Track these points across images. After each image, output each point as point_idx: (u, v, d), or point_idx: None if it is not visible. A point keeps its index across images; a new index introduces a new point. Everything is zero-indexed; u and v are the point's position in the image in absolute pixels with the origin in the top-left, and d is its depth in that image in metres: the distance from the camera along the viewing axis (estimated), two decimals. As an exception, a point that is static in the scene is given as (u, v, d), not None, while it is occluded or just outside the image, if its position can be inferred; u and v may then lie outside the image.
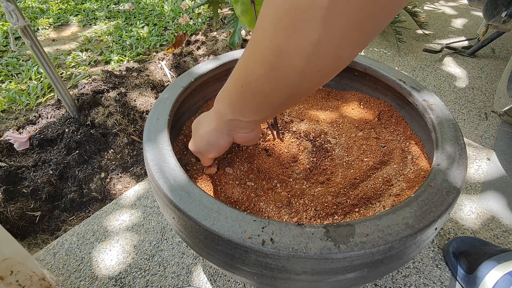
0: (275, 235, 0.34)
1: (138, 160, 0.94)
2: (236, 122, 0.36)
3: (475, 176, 0.85)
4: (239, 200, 0.47)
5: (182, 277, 0.64)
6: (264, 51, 0.25)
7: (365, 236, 0.33)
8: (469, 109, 1.09)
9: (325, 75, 0.26)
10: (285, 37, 0.23)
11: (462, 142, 0.46)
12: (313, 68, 0.24)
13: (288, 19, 0.22)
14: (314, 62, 0.24)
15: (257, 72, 0.27)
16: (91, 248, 0.70)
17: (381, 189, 0.48)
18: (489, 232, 0.71)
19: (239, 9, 0.48)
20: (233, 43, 1.13)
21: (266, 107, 0.31)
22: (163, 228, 0.73)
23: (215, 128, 0.38)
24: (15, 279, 0.35)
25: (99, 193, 0.85)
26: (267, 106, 0.31)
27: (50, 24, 1.81)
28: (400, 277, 0.63)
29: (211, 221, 0.36)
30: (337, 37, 0.22)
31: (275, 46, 0.24)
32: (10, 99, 1.18)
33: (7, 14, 0.76)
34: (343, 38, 0.22)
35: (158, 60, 1.38)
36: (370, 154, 0.54)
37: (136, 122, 1.02)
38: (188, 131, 0.63)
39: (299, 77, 0.25)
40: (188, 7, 1.84)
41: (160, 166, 0.42)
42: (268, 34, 0.24)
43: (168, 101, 0.54)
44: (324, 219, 0.44)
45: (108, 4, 2.05)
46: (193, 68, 0.63)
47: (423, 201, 0.37)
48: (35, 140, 0.95)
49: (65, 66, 1.42)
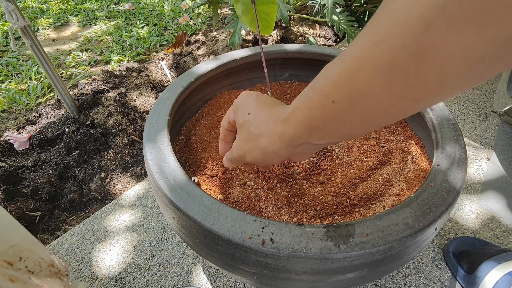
0: (275, 235, 0.34)
1: (138, 160, 0.94)
2: (306, 146, 0.29)
3: (475, 176, 0.85)
4: (239, 200, 0.47)
5: (182, 277, 0.64)
6: (396, 55, 0.19)
7: (365, 236, 0.33)
8: (469, 109, 1.09)
9: (482, 77, 0.19)
10: (450, 35, 0.16)
11: (462, 142, 0.46)
12: (471, 77, 0.18)
13: (472, 6, 0.15)
14: (479, 69, 0.17)
15: (373, 83, 0.20)
16: (91, 248, 0.70)
17: (381, 189, 0.48)
18: (489, 232, 0.71)
19: (240, 9, 0.49)
20: (233, 43, 1.13)
21: (359, 128, 0.24)
22: (163, 228, 0.73)
23: (275, 151, 0.31)
24: (24, 265, 0.35)
25: (99, 193, 0.85)
26: (361, 127, 0.24)
27: (50, 24, 1.81)
28: (400, 277, 0.63)
29: (211, 221, 0.36)
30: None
31: (421, 47, 0.17)
32: (10, 99, 1.18)
33: (7, 14, 0.76)
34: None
35: (158, 60, 1.38)
36: (370, 154, 0.54)
37: (136, 122, 1.02)
38: (188, 131, 0.63)
39: (439, 88, 0.19)
40: (188, 7, 1.84)
41: (160, 166, 0.42)
42: (411, 31, 0.17)
43: (168, 101, 0.54)
44: (324, 219, 0.44)
45: (108, 4, 2.05)
46: (193, 68, 0.63)
47: (423, 201, 0.37)
48: (35, 140, 0.95)
49: (65, 66, 1.42)
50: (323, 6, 1.20)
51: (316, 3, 1.26)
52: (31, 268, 0.36)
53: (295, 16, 1.52)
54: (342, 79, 0.22)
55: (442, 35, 0.16)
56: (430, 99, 0.20)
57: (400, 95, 0.20)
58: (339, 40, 1.52)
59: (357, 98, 0.22)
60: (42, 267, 0.37)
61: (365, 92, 0.21)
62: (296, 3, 1.48)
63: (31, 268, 0.36)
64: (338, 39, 1.52)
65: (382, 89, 0.20)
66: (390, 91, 0.20)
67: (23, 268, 0.35)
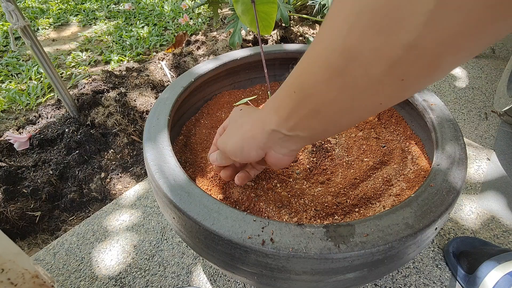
0: (275, 235, 0.34)
1: (138, 160, 0.94)
2: (278, 136, 0.31)
3: (475, 176, 0.85)
4: (239, 200, 0.47)
5: (182, 277, 0.64)
6: (330, 53, 0.22)
7: (365, 236, 0.33)
8: (469, 109, 1.09)
9: (409, 87, 0.21)
10: (364, 38, 0.19)
11: (462, 142, 0.46)
12: (395, 77, 0.20)
13: (374, 16, 0.18)
14: (398, 70, 0.20)
15: (316, 77, 0.23)
16: (91, 248, 0.70)
17: (381, 189, 0.48)
18: (489, 232, 0.71)
19: (239, 9, 0.49)
20: (233, 43, 1.13)
21: (317, 121, 0.27)
22: (163, 228, 0.73)
23: (252, 136, 0.34)
24: (6, 277, 0.34)
25: (99, 193, 0.85)
26: (319, 120, 0.27)
27: (50, 24, 1.81)
28: (400, 277, 0.63)
29: (211, 221, 0.36)
30: (441, 41, 0.17)
31: (346, 48, 0.20)
32: (10, 99, 1.18)
33: (7, 14, 0.76)
34: (451, 42, 0.17)
35: (158, 60, 1.38)
36: (370, 154, 0.54)
37: (136, 122, 1.02)
38: (188, 131, 0.63)
39: (371, 86, 0.21)
40: (188, 7, 1.84)
41: (160, 166, 0.42)
42: (339, 34, 0.20)
43: (168, 101, 0.54)
44: (324, 219, 0.44)
45: (108, 4, 2.05)
46: (193, 68, 0.63)
47: (423, 201, 0.37)
48: (35, 140, 0.95)
49: (65, 66, 1.42)
50: (323, 6, 1.20)
51: (316, 3, 1.26)
52: (14, 280, 0.34)
53: (295, 16, 1.52)
54: (297, 73, 0.26)
55: (360, 38, 0.19)
56: (367, 96, 0.23)
57: (339, 90, 0.23)
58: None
59: (308, 90, 0.25)
60: (26, 279, 0.36)
61: (313, 85, 0.24)
62: (296, 3, 1.48)
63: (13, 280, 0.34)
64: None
65: (324, 84, 0.23)
66: (330, 86, 0.23)
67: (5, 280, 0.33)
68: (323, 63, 0.23)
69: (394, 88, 0.21)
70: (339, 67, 0.21)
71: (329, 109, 0.25)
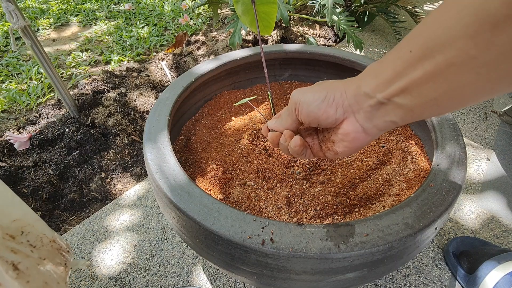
0: (275, 235, 0.34)
1: (138, 160, 0.94)
2: (368, 101, 0.27)
3: (475, 176, 0.85)
4: (239, 200, 0.47)
5: (182, 277, 0.64)
6: (475, 20, 0.18)
7: (365, 236, 0.33)
8: (469, 109, 1.09)
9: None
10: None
11: (462, 142, 0.46)
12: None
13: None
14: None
15: (455, 31, 0.20)
16: (91, 248, 0.70)
17: (381, 189, 0.48)
18: (489, 232, 0.71)
19: (240, 9, 0.49)
20: (233, 43, 1.13)
21: (432, 86, 0.22)
22: (163, 228, 0.73)
23: (341, 89, 0.28)
24: (26, 239, 0.36)
25: (99, 193, 0.85)
26: (436, 86, 0.22)
27: (50, 24, 1.81)
28: (400, 277, 0.63)
29: (211, 221, 0.36)
30: None
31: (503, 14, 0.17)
32: (10, 99, 1.18)
33: (8, 14, 0.76)
34: None
35: (158, 60, 1.38)
36: (370, 154, 0.55)
37: (136, 122, 1.02)
38: (188, 131, 0.63)
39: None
40: (188, 7, 1.84)
41: (160, 166, 0.43)
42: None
43: (168, 101, 0.54)
44: (324, 219, 0.44)
45: (108, 4, 2.05)
46: (193, 68, 0.63)
47: (423, 201, 0.37)
48: (36, 140, 0.95)
49: (65, 66, 1.42)
50: (323, 6, 1.20)
51: (316, 3, 1.26)
52: (33, 242, 0.37)
53: (295, 16, 1.52)
54: (419, 31, 0.22)
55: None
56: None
57: (483, 49, 0.19)
58: (339, 40, 1.52)
59: (435, 48, 0.21)
60: (44, 243, 0.38)
61: (446, 42, 0.20)
62: (296, 3, 1.48)
63: (32, 243, 0.37)
64: (338, 39, 1.52)
65: (464, 40, 0.19)
66: (470, 43, 0.19)
67: (25, 242, 0.36)
68: (472, 12, 0.19)
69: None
70: (497, 18, 0.17)
71: (457, 73, 0.21)
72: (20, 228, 0.36)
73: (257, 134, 0.59)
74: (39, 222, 0.39)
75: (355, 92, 0.27)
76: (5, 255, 0.31)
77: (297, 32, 1.47)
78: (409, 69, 0.23)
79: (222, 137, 0.60)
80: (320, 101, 0.29)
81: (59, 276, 0.37)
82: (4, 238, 0.33)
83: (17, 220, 0.36)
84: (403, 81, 0.24)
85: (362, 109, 0.27)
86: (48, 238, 0.39)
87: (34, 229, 0.37)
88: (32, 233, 0.37)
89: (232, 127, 0.63)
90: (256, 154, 0.54)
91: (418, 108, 0.24)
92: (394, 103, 0.25)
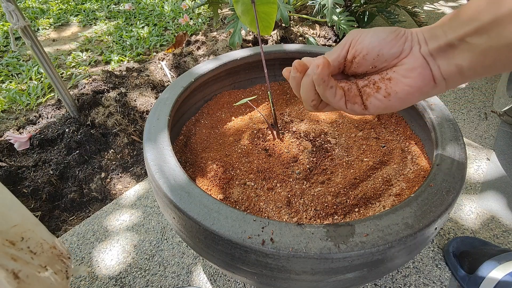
0: (275, 235, 0.34)
1: (138, 160, 0.94)
2: (437, 41, 0.25)
3: (475, 176, 0.85)
4: (239, 200, 0.47)
5: (182, 277, 0.64)
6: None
7: (365, 236, 0.33)
8: (469, 109, 1.09)
9: None
10: None
11: (462, 142, 0.46)
12: None
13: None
14: None
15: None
16: (91, 248, 0.70)
17: (381, 189, 0.48)
18: (489, 232, 0.71)
19: (239, 9, 0.49)
20: (233, 43, 1.13)
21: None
22: (163, 228, 0.73)
23: (408, 30, 0.27)
24: (26, 245, 0.35)
25: (99, 193, 0.85)
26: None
27: (51, 24, 1.81)
28: (400, 277, 0.63)
29: (211, 221, 0.36)
30: None
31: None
32: (10, 99, 1.18)
33: (8, 14, 0.76)
34: None
35: (158, 60, 1.38)
36: (370, 154, 0.54)
37: (136, 122, 1.02)
38: (188, 131, 0.63)
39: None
40: (188, 7, 1.84)
41: (160, 166, 0.43)
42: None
43: (168, 101, 0.54)
44: (324, 219, 0.44)
45: (108, 4, 2.05)
46: (193, 68, 0.63)
47: (423, 201, 0.37)
48: (36, 140, 0.95)
49: (65, 66, 1.42)
50: (323, 6, 1.20)
51: (316, 3, 1.26)
52: (33, 248, 0.36)
53: (295, 16, 1.52)
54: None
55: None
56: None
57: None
58: (339, 40, 1.52)
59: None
60: (44, 249, 0.38)
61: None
62: (296, 3, 1.48)
63: (33, 249, 0.36)
64: (338, 39, 1.52)
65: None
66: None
67: (25, 248, 0.35)
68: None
69: None
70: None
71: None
72: (20, 233, 0.35)
73: (257, 134, 0.59)
74: (39, 227, 0.38)
75: (424, 30, 0.26)
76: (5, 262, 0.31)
77: (297, 32, 1.47)
78: (493, 4, 0.21)
79: (222, 137, 0.60)
80: (390, 32, 0.27)
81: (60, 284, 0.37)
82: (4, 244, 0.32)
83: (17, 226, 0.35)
84: (484, 19, 0.22)
85: (428, 47, 0.26)
86: (48, 244, 0.38)
87: (34, 234, 0.36)
88: (32, 238, 0.36)
89: (232, 127, 0.63)
90: (256, 154, 0.54)
91: (493, 52, 0.22)
92: (466, 44, 0.23)
